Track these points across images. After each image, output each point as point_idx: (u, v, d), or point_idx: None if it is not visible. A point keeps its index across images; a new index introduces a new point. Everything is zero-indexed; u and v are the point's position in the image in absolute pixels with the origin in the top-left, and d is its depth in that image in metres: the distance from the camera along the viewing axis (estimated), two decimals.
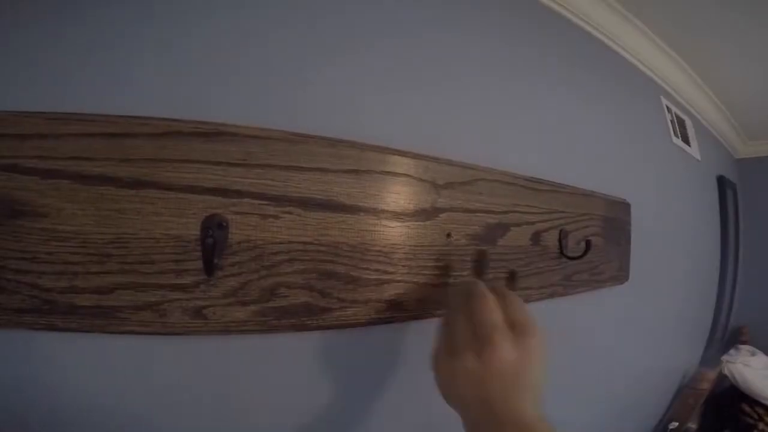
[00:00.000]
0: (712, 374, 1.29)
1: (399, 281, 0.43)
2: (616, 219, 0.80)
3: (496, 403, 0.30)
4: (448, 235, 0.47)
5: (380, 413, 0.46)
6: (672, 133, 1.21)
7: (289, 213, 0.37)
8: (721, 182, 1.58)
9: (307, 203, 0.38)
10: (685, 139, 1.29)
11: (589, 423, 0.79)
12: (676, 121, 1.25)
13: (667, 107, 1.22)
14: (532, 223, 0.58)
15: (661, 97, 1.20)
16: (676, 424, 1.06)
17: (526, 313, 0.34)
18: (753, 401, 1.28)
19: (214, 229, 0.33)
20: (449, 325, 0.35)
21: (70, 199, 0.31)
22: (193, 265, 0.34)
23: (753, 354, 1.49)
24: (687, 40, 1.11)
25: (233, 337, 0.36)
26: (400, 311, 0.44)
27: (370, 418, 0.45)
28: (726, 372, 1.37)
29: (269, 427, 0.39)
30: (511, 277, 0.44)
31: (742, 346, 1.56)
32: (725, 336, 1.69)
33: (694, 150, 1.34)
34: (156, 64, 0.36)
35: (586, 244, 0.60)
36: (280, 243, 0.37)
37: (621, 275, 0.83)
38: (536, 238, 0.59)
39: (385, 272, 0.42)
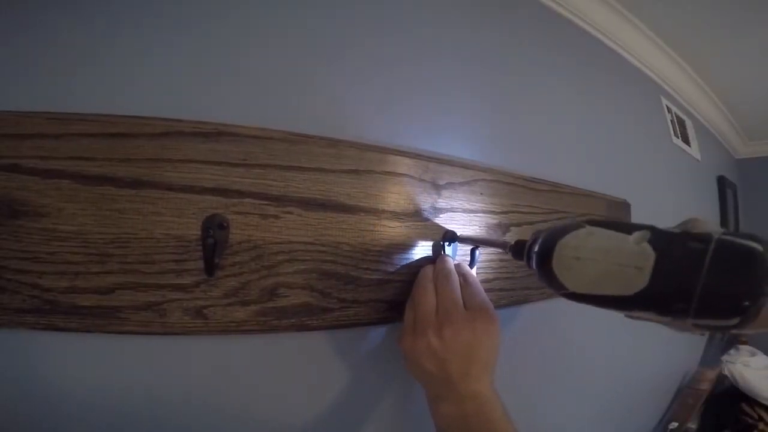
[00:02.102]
0: (712, 374, 1.29)
1: (399, 281, 0.43)
2: (616, 219, 0.80)
3: (457, 380, 0.34)
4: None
5: (381, 412, 0.46)
6: (672, 133, 1.21)
7: (290, 213, 0.37)
8: (721, 182, 1.59)
9: (307, 203, 0.38)
10: (685, 139, 1.29)
11: (590, 423, 0.79)
12: (676, 121, 1.25)
13: (667, 107, 1.22)
14: (533, 223, 0.58)
15: (661, 97, 1.20)
16: (676, 424, 1.06)
17: (482, 297, 0.38)
18: (753, 401, 1.28)
19: (214, 229, 0.33)
20: (416, 303, 0.38)
21: (70, 199, 0.31)
22: (193, 265, 0.34)
23: (753, 354, 1.49)
24: (687, 40, 1.11)
25: (233, 337, 0.36)
26: (400, 311, 0.44)
27: (371, 418, 0.45)
28: (726, 372, 1.37)
29: (270, 427, 0.39)
30: (472, 256, 0.46)
31: (742, 346, 1.56)
32: (725, 336, 1.69)
33: (694, 150, 1.34)
34: (156, 64, 0.36)
35: None
36: (281, 243, 0.37)
37: None
38: None
39: (386, 272, 0.42)
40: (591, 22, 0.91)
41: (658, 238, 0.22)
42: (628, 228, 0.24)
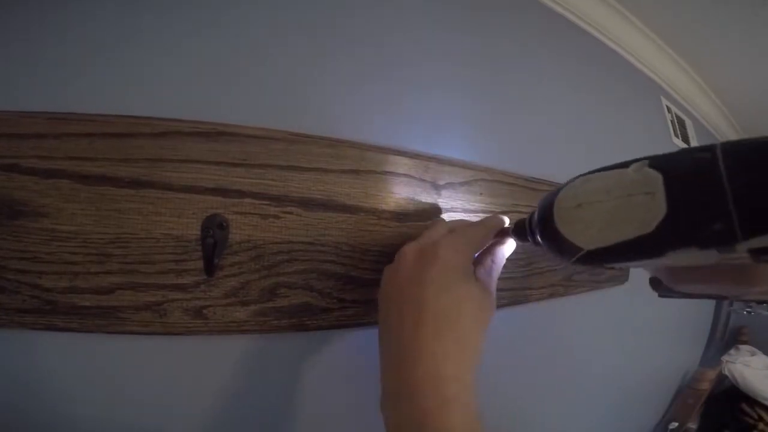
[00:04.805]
0: (712, 374, 1.29)
1: None
2: None
3: (417, 348, 0.26)
4: None
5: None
6: (672, 133, 1.21)
7: (290, 213, 0.37)
8: None
9: (307, 203, 0.38)
10: (685, 139, 1.29)
11: (590, 423, 0.79)
12: (676, 121, 1.25)
13: (667, 107, 1.22)
14: None
15: (661, 97, 1.20)
16: (676, 424, 1.06)
17: (489, 273, 0.33)
18: (753, 401, 1.28)
19: (214, 229, 0.33)
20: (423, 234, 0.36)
21: (70, 199, 0.31)
22: (193, 265, 0.34)
23: (753, 354, 1.49)
24: (687, 40, 1.11)
25: (233, 337, 0.36)
26: None
27: (370, 418, 0.45)
28: (726, 372, 1.37)
29: (269, 427, 0.39)
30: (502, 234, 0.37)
31: (742, 346, 1.56)
32: (725, 336, 1.69)
33: None
34: (156, 64, 0.36)
35: None
36: (281, 243, 0.37)
37: (621, 276, 0.83)
38: None
39: None
40: (591, 21, 0.91)
41: (659, 160, 0.19)
42: (624, 164, 0.21)
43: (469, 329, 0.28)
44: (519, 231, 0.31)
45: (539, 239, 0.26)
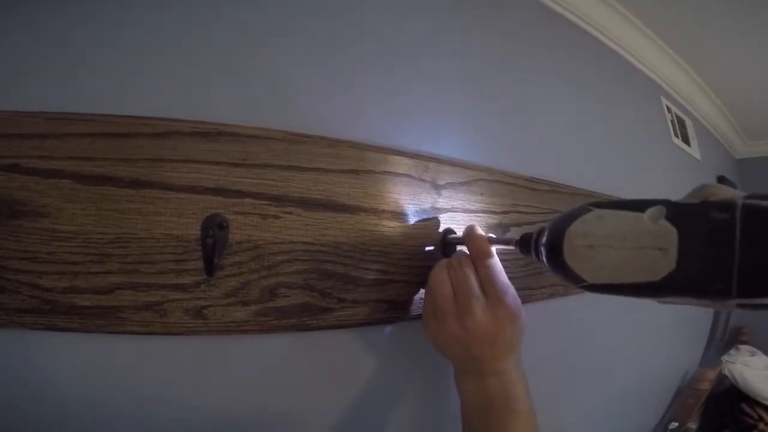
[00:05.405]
0: (712, 374, 1.29)
1: (399, 281, 0.43)
2: None
3: (481, 359, 0.37)
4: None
5: (380, 413, 0.46)
6: (672, 133, 1.21)
7: (290, 213, 0.37)
8: (721, 182, 1.59)
9: (307, 203, 0.38)
10: (685, 139, 1.29)
11: (589, 423, 0.79)
12: (676, 121, 1.25)
13: (667, 107, 1.22)
14: (533, 223, 0.58)
15: (661, 97, 1.20)
16: (676, 424, 1.06)
17: (501, 282, 0.38)
18: (753, 401, 1.28)
19: (214, 229, 0.33)
20: (433, 290, 0.39)
21: (70, 199, 0.31)
22: (193, 265, 0.34)
23: (753, 354, 1.49)
24: (687, 40, 1.11)
25: (233, 337, 0.36)
26: (400, 311, 0.44)
27: (370, 419, 0.45)
28: (726, 372, 1.37)
29: (269, 427, 0.39)
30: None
31: (742, 346, 1.56)
32: (725, 336, 1.69)
33: (694, 150, 1.34)
34: (156, 64, 0.36)
35: None
36: (281, 243, 0.37)
37: None
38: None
39: (386, 272, 0.42)
40: (591, 22, 0.91)
41: (677, 212, 0.19)
42: (640, 205, 0.21)
43: (514, 337, 0.39)
44: (524, 245, 0.32)
45: (545, 262, 0.27)
